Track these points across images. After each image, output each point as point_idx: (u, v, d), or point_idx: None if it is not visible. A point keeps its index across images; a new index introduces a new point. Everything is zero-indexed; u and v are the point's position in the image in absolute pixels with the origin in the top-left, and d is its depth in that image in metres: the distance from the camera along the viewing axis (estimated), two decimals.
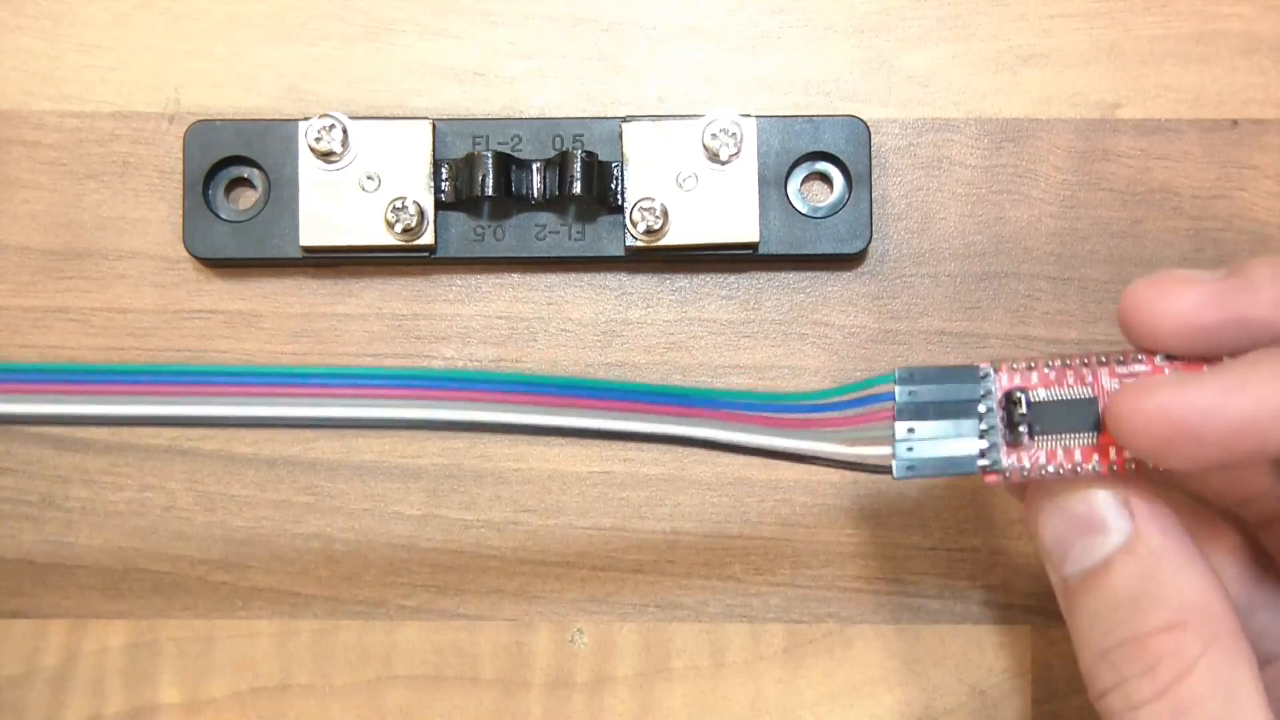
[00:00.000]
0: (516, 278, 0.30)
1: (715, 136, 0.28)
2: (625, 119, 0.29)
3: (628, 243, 0.29)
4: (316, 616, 0.30)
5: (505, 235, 0.29)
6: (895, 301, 0.30)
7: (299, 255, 0.29)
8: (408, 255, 0.29)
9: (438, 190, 0.29)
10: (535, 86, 0.30)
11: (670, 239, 0.29)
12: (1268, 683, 0.21)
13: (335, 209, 0.29)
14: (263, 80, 0.30)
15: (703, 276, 0.30)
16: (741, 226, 0.29)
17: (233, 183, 0.29)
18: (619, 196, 0.29)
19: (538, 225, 0.29)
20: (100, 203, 0.30)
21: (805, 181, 0.30)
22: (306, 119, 0.28)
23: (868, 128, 0.29)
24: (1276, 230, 0.30)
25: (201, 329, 0.30)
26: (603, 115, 0.30)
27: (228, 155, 0.29)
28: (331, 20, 0.30)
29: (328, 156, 0.28)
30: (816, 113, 0.30)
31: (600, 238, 0.29)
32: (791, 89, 0.30)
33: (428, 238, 0.29)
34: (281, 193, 0.29)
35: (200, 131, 0.29)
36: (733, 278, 0.30)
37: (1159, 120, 0.30)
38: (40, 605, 0.30)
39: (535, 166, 0.28)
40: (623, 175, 0.29)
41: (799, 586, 0.30)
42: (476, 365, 0.30)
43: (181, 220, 0.29)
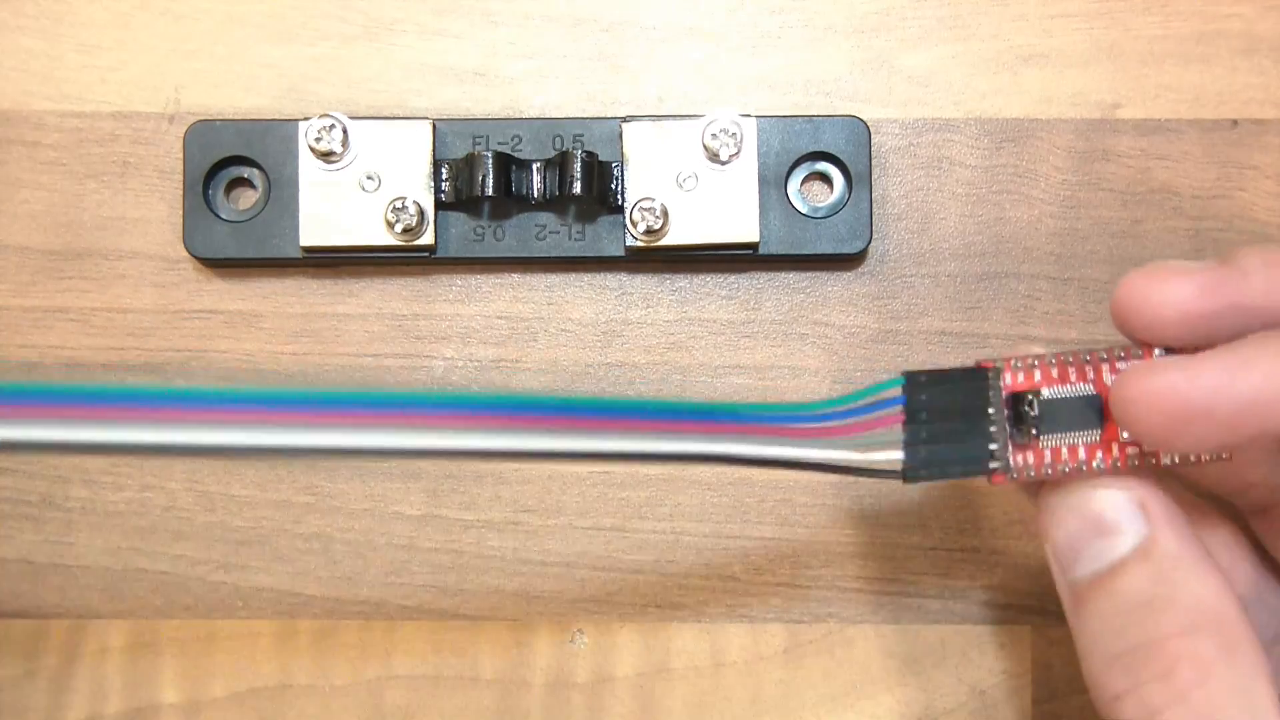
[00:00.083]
0: (516, 278, 0.30)
1: (715, 136, 0.28)
2: (625, 119, 0.29)
3: (628, 243, 0.29)
4: (316, 616, 0.30)
5: (505, 235, 0.29)
6: (895, 301, 0.30)
7: (299, 255, 0.29)
8: (408, 255, 0.29)
9: (438, 190, 0.29)
10: (535, 86, 0.30)
11: (670, 239, 0.29)
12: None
13: (335, 209, 0.29)
14: (263, 80, 0.30)
15: (703, 276, 0.30)
16: (741, 226, 0.29)
17: (233, 183, 0.29)
18: (619, 196, 0.29)
19: (538, 225, 0.29)
20: (100, 203, 0.30)
21: (805, 181, 0.30)
22: (306, 119, 0.28)
23: (868, 128, 0.29)
24: (1276, 230, 0.30)
25: (201, 329, 0.30)
26: (603, 115, 0.30)
27: (228, 155, 0.29)
28: (331, 20, 0.30)
29: (328, 156, 0.28)
30: (816, 113, 0.30)
31: (600, 238, 0.29)
32: (791, 89, 0.30)
33: (428, 238, 0.29)
34: (281, 193, 0.29)
35: (200, 131, 0.29)
36: (733, 278, 0.30)
37: (1159, 120, 0.30)
38: (40, 605, 0.30)
39: (535, 166, 0.28)
40: (623, 175, 0.29)
41: (799, 586, 0.30)
42: (477, 365, 0.30)
43: (181, 220, 0.29)
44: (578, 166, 0.28)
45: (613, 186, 0.29)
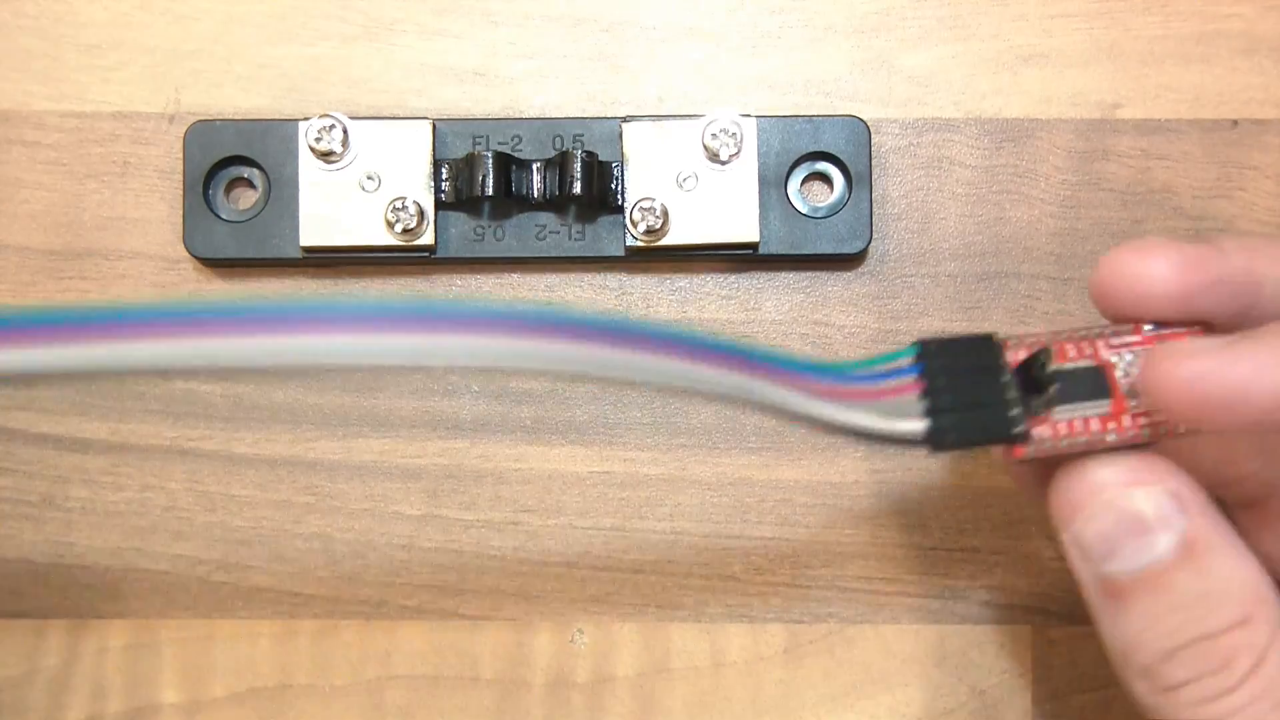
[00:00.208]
0: (516, 278, 0.30)
1: (715, 136, 0.28)
2: (625, 119, 0.29)
3: (628, 243, 0.29)
4: (316, 616, 0.30)
5: (505, 235, 0.29)
6: (895, 301, 0.30)
7: (299, 255, 0.29)
8: (408, 255, 0.29)
9: (438, 190, 0.29)
10: (535, 86, 0.30)
11: (670, 239, 0.29)
12: None
13: (335, 209, 0.29)
14: (263, 80, 0.30)
15: (703, 276, 0.30)
16: (741, 226, 0.29)
17: (233, 183, 0.29)
18: (619, 196, 0.29)
19: (538, 225, 0.29)
20: (100, 203, 0.30)
21: (805, 181, 0.30)
22: (306, 119, 0.28)
23: (868, 128, 0.29)
24: (1277, 230, 0.30)
25: None
26: (603, 115, 0.30)
27: (228, 155, 0.29)
28: (331, 20, 0.30)
29: (328, 156, 0.28)
30: (816, 113, 0.30)
31: (600, 238, 0.29)
32: (791, 89, 0.30)
33: (428, 238, 0.29)
34: (281, 193, 0.29)
35: (200, 131, 0.29)
36: (733, 278, 0.30)
37: (1159, 120, 0.30)
38: (40, 605, 0.30)
39: (535, 166, 0.28)
40: (623, 175, 0.29)
41: (799, 586, 0.30)
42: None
43: (181, 220, 0.29)
44: (578, 166, 0.28)
45: (613, 186, 0.29)
